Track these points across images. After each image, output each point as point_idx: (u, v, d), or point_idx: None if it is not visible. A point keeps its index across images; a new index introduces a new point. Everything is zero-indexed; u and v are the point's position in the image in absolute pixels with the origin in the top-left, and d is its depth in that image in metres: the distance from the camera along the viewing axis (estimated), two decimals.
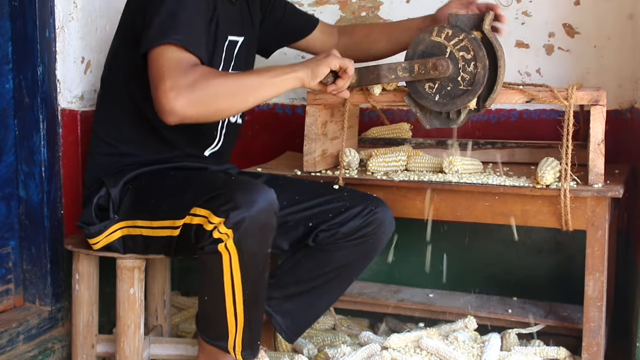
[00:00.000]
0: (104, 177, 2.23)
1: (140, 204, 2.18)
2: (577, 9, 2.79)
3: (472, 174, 2.45)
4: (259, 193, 2.00)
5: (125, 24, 2.27)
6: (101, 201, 2.21)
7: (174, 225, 2.09)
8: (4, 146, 2.53)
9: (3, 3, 2.49)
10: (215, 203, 1.99)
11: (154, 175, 2.23)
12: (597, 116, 2.25)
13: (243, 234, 1.97)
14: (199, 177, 2.22)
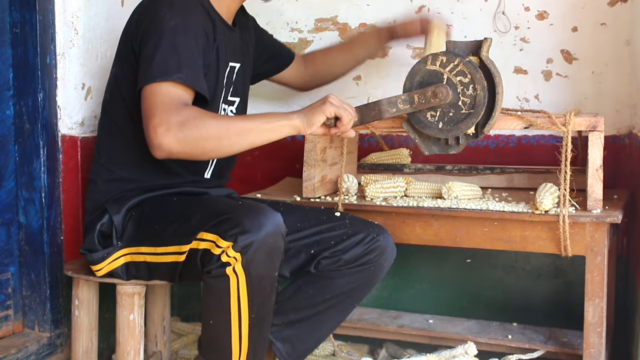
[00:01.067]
0: (106, 203, 2.24)
1: (144, 230, 2.18)
2: (575, 36, 2.81)
3: (471, 200, 2.45)
4: (266, 217, 2.01)
5: (123, 52, 2.28)
6: (104, 228, 2.22)
7: (180, 251, 2.09)
8: (4, 172, 2.53)
9: (4, 30, 2.50)
10: (223, 227, 2.00)
11: (157, 202, 2.23)
12: (595, 142, 2.26)
13: (251, 258, 1.98)
14: (205, 202, 2.22)
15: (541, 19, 2.84)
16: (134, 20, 2.25)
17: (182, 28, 2.13)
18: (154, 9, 2.17)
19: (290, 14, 3.10)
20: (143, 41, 2.14)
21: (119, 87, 2.29)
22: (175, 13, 2.15)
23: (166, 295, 2.63)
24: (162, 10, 2.15)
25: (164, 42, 2.09)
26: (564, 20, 2.82)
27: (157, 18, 2.14)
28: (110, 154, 2.30)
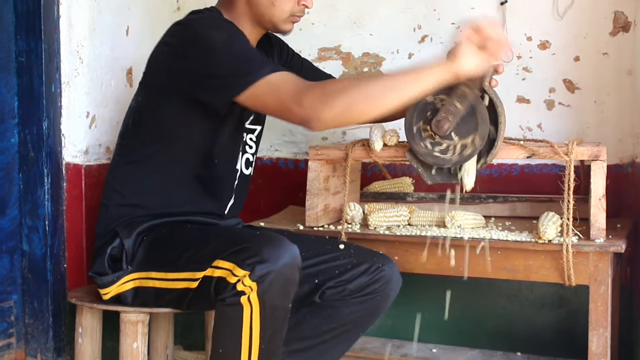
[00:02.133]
0: (117, 227, 2.23)
1: (156, 256, 2.18)
2: (577, 65, 2.83)
3: (475, 229, 2.46)
4: (284, 248, 2.01)
5: (153, 81, 2.26)
6: (114, 252, 2.21)
7: (193, 278, 2.08)
8: (8, 200, 2.54)
9: (10, 59, 2.52)
10: (241, 256, 1.99)
11: (169, 227, 2.23)
12: (597, 171, 2.27)
13: (267, 288, 1.97)
14: (221, 230, 2.23)
15: (543, 49, 2.86)
16: (168, 50, 2.22)
17: (232, 36, 2.15)
18: (194, 34, 2.16)
19: (294, 43, 3.09)
20: (201, 64, 2.12)
21: (142, 115, 2.28)
22: (221, 29, 2.17)
23: (170, 323, 2.63)
24: (202, 30, 2.14)
25: (235, 51, 2.10)
26: (566, 50, 2.83)
27: (205, 39, 2.12)
28: (125, 180, 2.29)
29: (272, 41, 2.51)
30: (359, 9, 3.07)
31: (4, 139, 2.53)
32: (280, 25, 2.34)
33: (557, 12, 2.84)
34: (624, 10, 2.76)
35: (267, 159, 3.16)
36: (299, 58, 2.62)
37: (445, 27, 2.96)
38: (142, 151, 2.27)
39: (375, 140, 2.45)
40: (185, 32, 2.19)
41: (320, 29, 3.12)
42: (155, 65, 2.27)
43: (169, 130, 2.23)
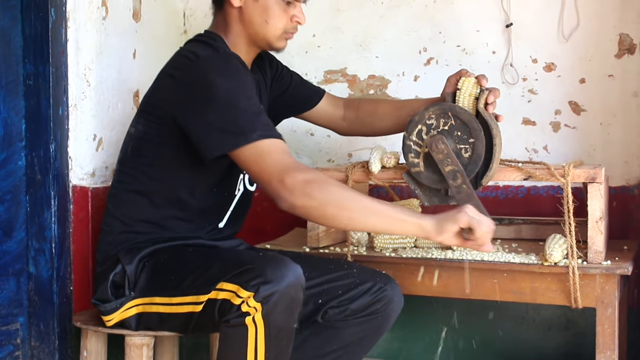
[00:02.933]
0: (118, 253, 2.23)
1: (158, 281, 2.17)
2: (583, 87, 2.83)
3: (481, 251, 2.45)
4: (288, 268, 2.01)
5: (153, 111, 2.26)
6: (117, 278, 2.21)
7: (198, 301, 2.08)
8: (15, 222, 2.55)
9: (18, 82, 2.54)
10: (244, 278, 1.99)
11: (171, 252, 2.23)
12: (594, 194, 2.27)
13: (272, 308, 1.97)
14: (223, 252, 2.22)
15: (549, 71, 2.87)
16: (172, 83, 2.21)
17: (243, 88, 2.14)
18: (201, 74, 2.15)
19: (300, 66, 3.13)
20: (206, 110, 2.11)
21: (141, 144, 2.28)
22: (229, 76, 2.15)
23: (175, 346, 2.62)
24: (211, 74, 2.13)
25: (236, 106, 2.10)
26: (572, 72, 2.84)
27: (209, 83, 2.12)
28: (125, 207, 2.29)
29: (263, 55, 2.51)
30: (364, 32, 3.09)
31: (11, 161, 2.54)
32: (274, 42, 2.35)
33: (562, 34, 2.85)
34: (629, 33, 2.77)
35: None
36: (288, 71, 2.63)
37: (450, 50, 2.97)
38: (141, 179, 2.27)
39: (373, 163, 2.46)
40: (193, 70, 2.17)
41: (326, 52, 3.13)
42: (157, 96, 2.27)
43: (167, 161, 2.23)
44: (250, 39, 2.34)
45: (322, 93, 2.67)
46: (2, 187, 2.51)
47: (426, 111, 2.31)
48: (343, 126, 2.68)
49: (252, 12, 2.31)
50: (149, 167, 2.27)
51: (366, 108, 2.66)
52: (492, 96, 2.28)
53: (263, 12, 2.30)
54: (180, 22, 3.23)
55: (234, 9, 2.31)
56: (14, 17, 2.52)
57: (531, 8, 2.88)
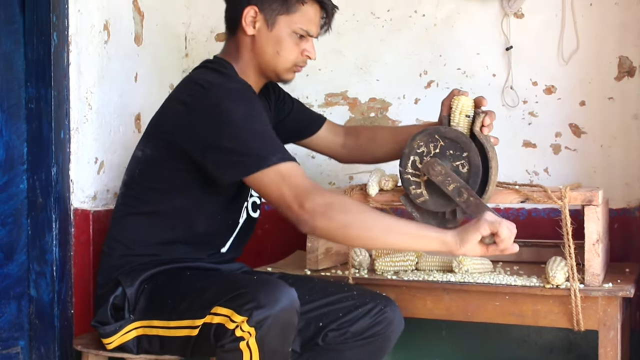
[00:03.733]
0: (119, 276, 2.24)
1: (157, 304, 2.17)
2: (583, 110, 2.84)
3: (482, 273, 2.45)
4: (282, 292, 2.01)
5: (161, 137, 2.26)
6: (117, 301, 2.21)
7: (193, 325, 2.08)
8: (16, 246, 2.55)
9: (20, 106, 2.55)
10: (238, 302, 1.99)
11: (170, 275, 2.23)
12: (591, 216, 2.27)
13: (265, 332, 1.96)
14: (219, 276, 2.22)
15: (549, 94, 2.88)
16: (184, 109, 2.21)
17: (255, 113, 2.16)
18: (214, 101, 2.15)
19: (301, 89, 3.14)
20: (220, 136, 2.12)
21: (149, 166, 2.28)
22: (241, 101, 2.16)
23: None
24: (224, 101, 2.14)
25: (251, 131, 2.11)
26: (572, 95, 2.85)
27: (223, 110, 2.12)
28: (129, 230, 2.29)
29: (268, 86, 2.53)
30: (365, 55, 3.10)
31: (13, 184, 2.54)
32: (283, 74, 2.37)
33: (562, 57, 2.86)
34: (629, 56, 2.78)
35: None
36: (290, 98, 2.64)
37: (451, 73, 2.98)
38: (146, 203, 2.28)
39: (371, 186, 2.46)
40: (205, 97, 2.17)
41: (327, 75, 3.14)
42: (167, 122, 2.26)
43: (174, 186, 2.24)
44: (260, 68, 2.36)
45: (323, 120, 2.67)
46: (3, 210, 2.51)
47: (413, 141, 2.32)
48: (343, 153, 2.68)
49: (265, 42, 2.32)
50: (156, 191, 2.27)
51: (365, 135, 2.68)
52: (488, 118, 2.28)
53: (275, 44, 2.32)
54: (181, 45, 3.24)
55: (247, 37, 2.33)
56: (16, 41, 2.53)
57: (531, 31, 2.89)
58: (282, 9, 2.30)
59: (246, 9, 2.30)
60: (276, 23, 2.30)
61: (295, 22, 2.31)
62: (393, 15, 3.06)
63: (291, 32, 2.31)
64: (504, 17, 2.92)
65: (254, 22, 2.31)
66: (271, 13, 2.30)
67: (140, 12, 2.92)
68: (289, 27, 2.31)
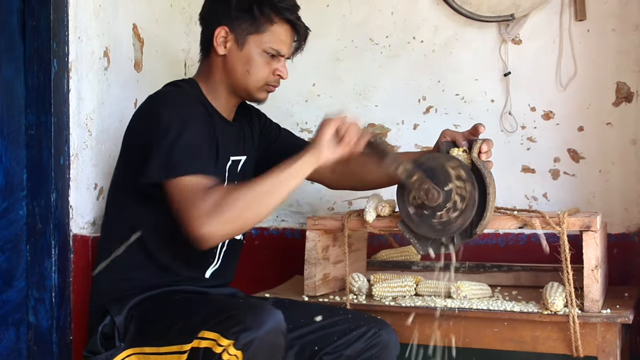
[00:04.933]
0: (107, 304, 2.24)
1: (147, 330, 2.17)
2: (581, 135, 2.85)
3: (481, 299, 2.45)
4: (267, 314, 2.00)
5: (125, 155, 2.34)
6: (106, 329, 2.21)
7: (182, 350, 2.07)
8: (15, 272, 2.54)
9: (20, 132, 2.55)
10: (224, 325, 1.99)
11: (158, 300, 2.23)
12: (589, 242, 2.27)
13: (252, 355, 1.96)
14: (206, 300, 2.22)
15: (547, 119, 2.89)
16: (134, 122, 2.33)
17: (185, 122, 2.18)
18: (153, 107, 2.25)
19: (300, 115, 3.16)
20: (149, 140, 2.18)
21: (120, 190, 2.33)
22: (176, 109, 2.21)
23: None
24: (161, 107, 2.22)
25: (168, 139, 2.14)
26: (570, 120, 2.86)
27: (158, 116, 2.19)
28: (110, 254, 2.31)
29: (251, 110, 2.56)
30: (364, 81, 3.12)
31: (12, 210, 2.54)
32: (254, 93, 2.39)
33: (560, 83, 2.88)
34: (626, 81, 2.80)
35: (274, 229, 3.17)
36: (277, 126, 2.66)
37: (449, 99, 3.00)
38: (122, 228, 2.30)
39: (367, 211, 2.47)
40: (150, 103, 2.29)
41: (326, 101, 3.16)
42: (127, 139, 2.36)
43: (144, 204, 2.25)
44: (231, 87, 2.39)
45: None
46: (3, 236, 2.51)
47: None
48: (333, 178, 2.65)
49: (236, 61, 2.36)
50: (127, 214, 2.30)
51: (356, 160, 2.66)
52: (486, 145, 2.29)
53: (245, 62, 2.35)
54: (181, 71, 3.26)
55: (219, 57, 2.37)
56: (17, 68, 2.54)
57: (529, 57, 2.91)
58: (251, 28, 2.33)
59: (217, 29, 2.34)
60: (246, 42, 2.34)
61: (265, 41, 2.34)
62: (391, 42, 3.08)
63: (261, 52, 2.34)
64: (502, 43, 2.93)
65: (225, 42, 2.35)
66: (241, 33, 2.33)
67: (140, 39, 2.94)
68: (259, 46, 2.34)
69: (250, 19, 2.32)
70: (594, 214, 2.33)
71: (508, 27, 2.92)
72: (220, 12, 2.35)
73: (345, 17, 3.13)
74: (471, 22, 2.96)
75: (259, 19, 2.32)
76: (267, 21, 2.33)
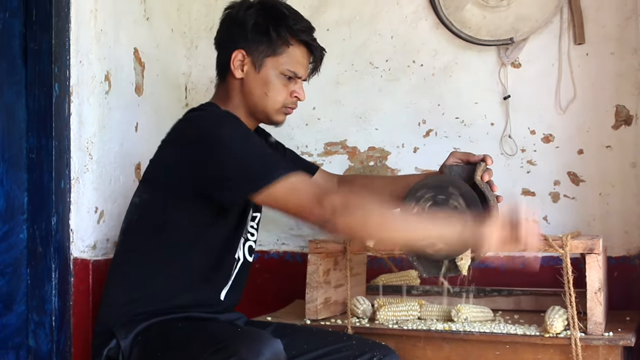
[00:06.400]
0: (114, 327, 2.22)
1: (149, 357, 2.16)
2: (581, 158, 2.86)
3: (482, 322, 2.44)
4: (264, 344, 1.98)
5: (158, 180, 2.29)
6: (111, 353, 2.19)
7: None
8: (15, 295, 2.54)
9: (21, 155, 2.56)
10: (220, 356, 1.96)
11: (162, 327, 2.22)
12: (592, 264, 2.27)
13: None
14: (204, 329, 2.20)
15: (547, 142, 2.90)
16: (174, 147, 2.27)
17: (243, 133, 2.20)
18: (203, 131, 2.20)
19: (300, 138, 3.17)
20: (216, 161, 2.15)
21: (147, 212, 2.30)
22: (228, 125, 2.21)
23: None
24: (211, 128, 2.19)
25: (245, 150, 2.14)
26: (570, 143, 2.87)
27: (212, 136, 2.16)
28: (127, 278, 2.29)
29: (258, 131, 2.55)
30: (364, 104, 3.12)
31: (13, 234, 2.54)
32: (272, 116, 2.39)
33: (559, 106, 2.89)
34: (626, 104, 2.80)
35: (274, 252, 3.17)
36: (282, 146, 2.66)
37: (449, 122, 3.01)
38: (145, 248, 2.28)
39: None
40: (194, 129, 2.24)
41: (327, 124, 3.17)
42: (161, 163, 2.30)
43: (173, 227, 2.24)
44: (250, 110, 2.38)
45: (315, 169, 2.68)
46: (3, 260, 2.51)
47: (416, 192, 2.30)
48: None
49: (253, 84, 2.35)
50: (154, 236, 2.27)
51: (360, 183, 2.68)
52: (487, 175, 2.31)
53: (263, 85, 2.35)
54: (182, 95, 3.27)
55: (236, 80, 2.36)
56: (18, 92, 2.55)
57: (528, 80, 2.92)
58: (268, 50, 2.33)
59: (234, 53, 2.34)
60: (263, 65, 2.34)
61: (282, 63, 2.34)
62: (391, 65, 3.09)
63: (279, 74, 2.35)
64: (501, 66, 2.95)
65: (242, 65, 2.35)
66: (258, 55, 2.33)
67: (141, 63, 2.95)
68: (276, 68, 2.34)
69: (267, 42, 2.33)
70: (596, 237, 2.33)
71: (507, 50, 2.93)
72: (236, 35, 2.35)
73: (345, 41, 3.14)
74: (471, 46, 2.98)
75: (275, 41, 2.33)
76: (283, 43, 2.34)
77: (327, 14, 3.16)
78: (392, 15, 3.09)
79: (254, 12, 2.34)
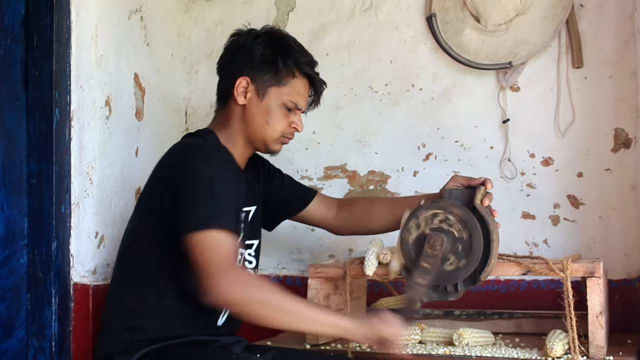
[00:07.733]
0: (114, 353, 2.22)
1: None
2: (581, 181, 2.86)
3: (484, 346, 2.43)
4: None
5: (148, 206, 2.32)
6: None
7: None
8: (15, 321, 2.53)
9: (22, 181, 2.56)
10: None
11: (161, 354, 2.21)
12: (593, 288, 2.26)
13: None
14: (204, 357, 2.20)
15: (546, 165, 2.90)
16: (163, 173, 2.31)
17: (219, 178, 2.18)
18: (183, 160, 2.24)
19: (300, 163, 3.17)
20: (180, 192, 2.17)
21: (140, 239, 2.31)
22: (207, 162, 2.21)
23: None
24: (192, 161, 2.21)
25: (204, 192, 2.14)
26: (569, 166, 2.87)
27: (192, 169, 2.19)
28: (123, 303, 2.30)
29: (255, 157, 2.56)
30: (363, 129, 3.13)
31: (13, 259, 2.54)
32: (270, 144, 2.41)
33: (558, 129, 2.90)
34: (624, 127, 2.81)
35: (274, 276, 3.17)
36: (280, 172, 2.67)
37: (449, 145, 3.01)
38: (140, 275, 2.28)
39: (369, 259, 2.46)
40: (177, 157, 2.29)
41: (326, 148, 3.17)
42: (151, 190, 2.34)
43: (166, 254, 2.24)
44: (249, 138, 2.39)
45: (314, 193, 2.69)
46: (3, 285, 2.51)
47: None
48: (336, 225, 2.69)
49: (255, 111, 2.37)
50: (147, 264, 2.28)
51: (360, 206, 2.69)
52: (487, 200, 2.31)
53: (265, 113, 2.36)
54: (182, 120, 3.29)
55: (238, 107, 2.38)
56: (19, 117, 2.56)
57: (527, 104, 2.93)
58: (273, 80, 2.35)
59: (239, 79, 2.35)
60: (267, 94, 2.36)
61: (285, 94, 2.36)
62: (391, 89, 3.10)
63: (280, 104, 2.37)
64: (500, 90, 2.96)
65: (246, 92, 2.36)
66: (262, 84, 2.35)
67: (141, 88, 2.96)
68: (279, 98, 2.36)
69: (273, 71, 2.35)
70: (596, 260, 2.33)
71: (506, 74, 2.95)
72: (242, 62, 2.37)
73: (344, 66, 3.16)
74: (470, 70, 2.99)
75: (281, 71, 2.35)
76: (288, 74, 2.36)
77: (327, 38, 3.18)
78: (391, 40, 3.11)
79: (262, 42, 2.37)
